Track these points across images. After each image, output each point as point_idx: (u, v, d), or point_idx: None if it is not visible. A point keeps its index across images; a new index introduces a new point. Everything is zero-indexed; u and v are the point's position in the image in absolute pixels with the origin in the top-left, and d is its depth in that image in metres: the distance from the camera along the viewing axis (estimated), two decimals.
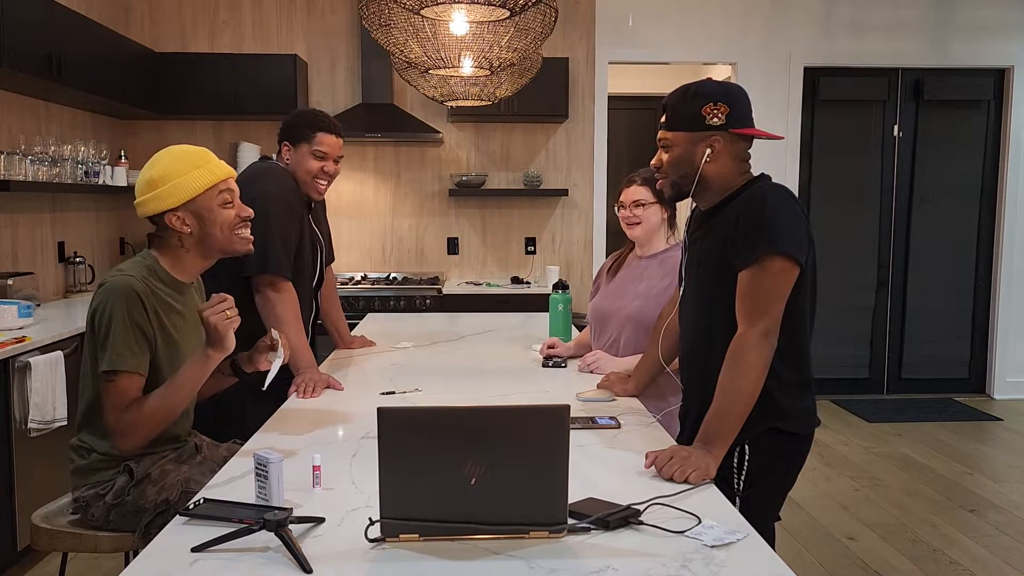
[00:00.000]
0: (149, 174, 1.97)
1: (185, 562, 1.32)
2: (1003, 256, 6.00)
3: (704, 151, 1.91)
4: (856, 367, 6.09)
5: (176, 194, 1.96)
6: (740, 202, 1.89)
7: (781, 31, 5.76)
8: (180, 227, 1.98)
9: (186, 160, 1.99)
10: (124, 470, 1.98)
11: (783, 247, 1.79)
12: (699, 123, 1.90)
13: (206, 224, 2.00)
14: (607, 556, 1.33)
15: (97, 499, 1.98)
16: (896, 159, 5.98)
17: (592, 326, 2.83)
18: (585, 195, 5.77)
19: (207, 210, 1.99)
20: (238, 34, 5.54)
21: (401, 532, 1.37)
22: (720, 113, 1.89)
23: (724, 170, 1.93)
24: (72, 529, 2.01)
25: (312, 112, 2.80)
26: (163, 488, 1.95)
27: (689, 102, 1.92)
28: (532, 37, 2.66)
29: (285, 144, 2.78)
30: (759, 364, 1.79)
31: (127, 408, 1.89)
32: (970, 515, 3.86)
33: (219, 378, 2.27)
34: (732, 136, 1.91)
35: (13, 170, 3.89)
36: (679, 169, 1.95)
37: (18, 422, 3.16)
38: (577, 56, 5.67)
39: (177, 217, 1.98)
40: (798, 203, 1.89)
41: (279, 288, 2.59)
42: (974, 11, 5.83)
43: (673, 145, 1.94)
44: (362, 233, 5.74)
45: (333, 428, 2.08)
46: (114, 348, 1.87)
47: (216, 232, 2.01)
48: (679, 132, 1.93)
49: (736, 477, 1.89)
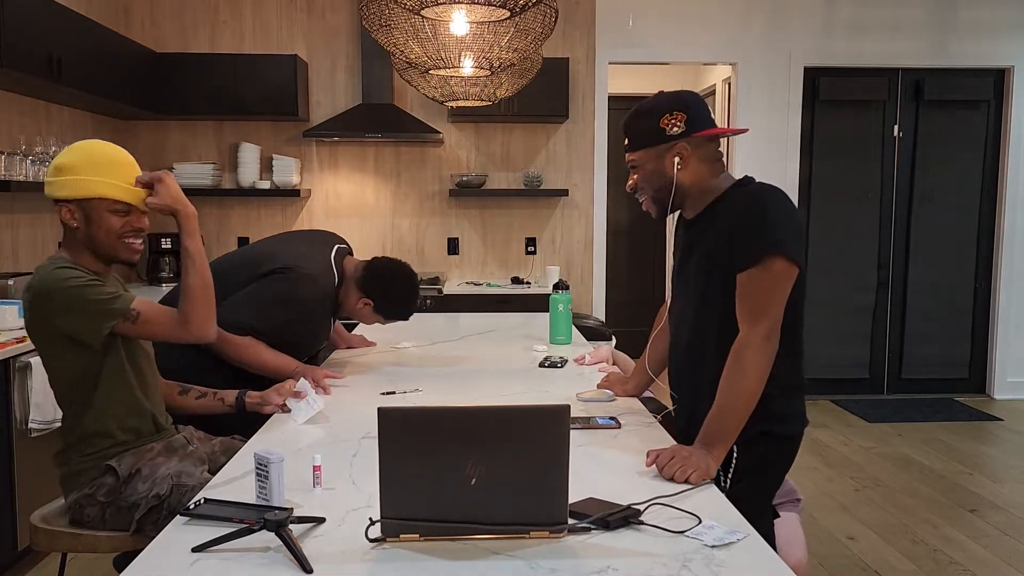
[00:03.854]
0: (60, 160, 1.97)
1: (185, 562, 1.32)
2: (1003, 256, 6.00)
3: (673, 161, 1.93)
4: (856, 367, 6.08)
5: (71, 188, 1.95)
6: (734, 205, 1.90)
7: (781, 31, 5.76)
8: (68, 219, 1.98)
9: (95, 162, 1.96)
10: (106, 469, 1.98)
11: (784, 248, 1.79)
12: (661, 136, 1.93)
13: (92, 225, 1.98)
14: (607, 556, 1.33)
15: (90, 500, 1.99)
16: (896, 159, 5.98)
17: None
18: (585, 195, 5.77)
19: (95, 212, 1.97)
20: (238, 34, 5.54)
21: (401, 532, 1.37)
22: (678, 121, 1.92)
23: (698, 174, 1.95)
24: (70, 529, 2.01)
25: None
26: (154, 483, 1.95)
27: (646, 119, 1.95)
28: (532, 37, 2.66)
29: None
30: (761, 365, 1.79)
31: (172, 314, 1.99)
32: (971, 515, 3.86)
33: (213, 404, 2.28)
34: (696, 140, 1.93)
35: (13, 170, 3.89)
36: (654, 184, 1.97)
37: (19, 422, 3.16)
38: (577, 56, 5.67)
39: (68, 210, 1.97)
40: (789, 201, 1.90)
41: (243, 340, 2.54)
42: (974, 11, 5.82)
43: (642, 164, 1.98)
44: (362, 233, 5.74)
45: (333, 428, 2.08)
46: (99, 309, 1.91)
47: (100, 235, 1.99)
48: (644, 150, 1.96)
49: (723, 475, 1.89)
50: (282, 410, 2.19)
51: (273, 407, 2.20)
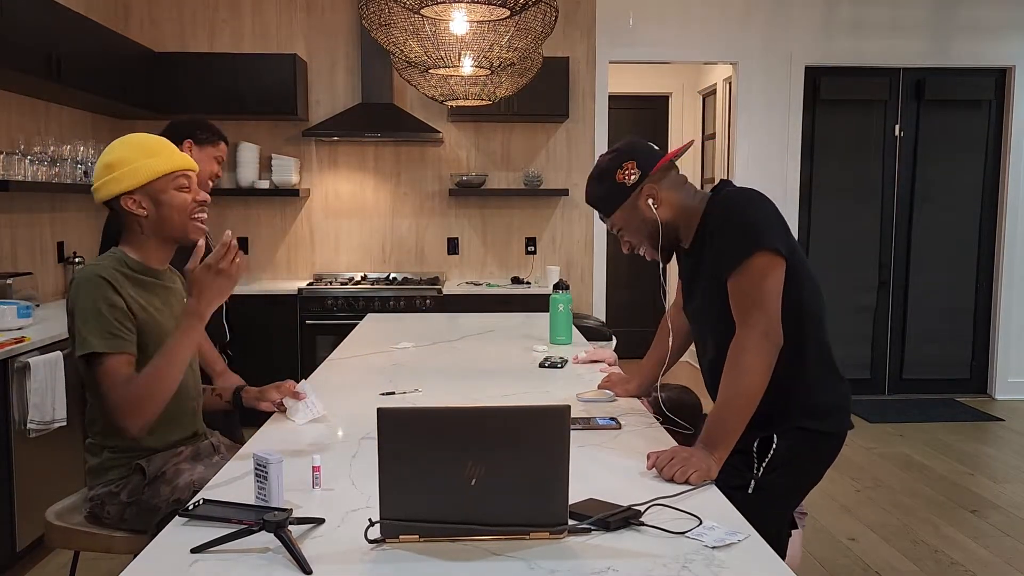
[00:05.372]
0: (107, 158, 1.96)
1: (185, 563, 1.31)
2: (1004, 255, 5.99)
3: (647, 204, 1.97)
4: (857, 367, 6.07)
5: (132, 177, 1.95)
6: (711, 220, 1.93)
7: (782, 30, 5.75)
8: (136, 209, 1.97)
9: (144, 147, 1.98)
10: (136, 469, 1.98)
11: (760, 243, 1.81)
12: (623, 191, 1.97)
13: (162, 207, 1.98)
14: (608, 557, 1.33)
15: (112, 497, 1.98)
16: (897, 159, 5.98)
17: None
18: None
19: (163, 192, 1.97)
20: (238, 34, 5.53)
21: (401, 533, 1.37)
22: (631, 169, 1.96)
23: (676, 204, 1.98)
24: (87, 528, 2.01)
25: (202, 119, 2.84)
26: (176, 488, 1.95)
27: (603, 183, 2.00)
28: (532, 36, 2.66)
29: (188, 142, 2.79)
30: (759, 363, 1.79)
31: (123, 385, 1.85)
32: (972, 516, 3.86)
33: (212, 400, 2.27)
34: (656, 175, 1.97)
35: (12, 170, 3.89)
36: (643, 232, 2.01)
37: (17, 423, 3.16)
38: (577, 56, 5.66)
39: (133, 200, 1.96)
40: (764, 198, 1.90)
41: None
42: (975, 11, 5.82)
43: (624, 223, 2.02)
44: (362, 233, 5.74)
45: (333, 428, 2.08)
46: (92, 333, 1.86)
47: (173, 216, 1.99)
48: (618, 212, 2.00)
49: (756, 463, 1.89)
50: (279, 409, 2.17)
51: (270, 404, 2.18)
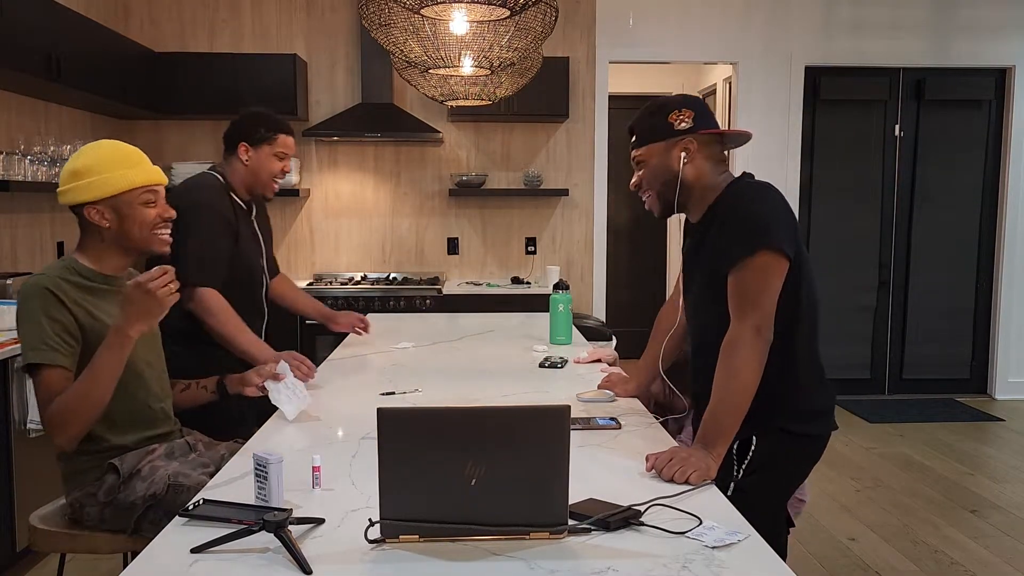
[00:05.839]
0: (75, 164, 1.95)
1: (185, 563, 1.31)
2: (1004, 255, 5.99)
3: (679, 156, 1.95)
4: (857, 367, 6.07)
5: (99, 188, 1.93)
6: (726, 207, 1.91)
7: (782, 30, 5.75)
8: (99, 221, 1.96)
9: (116, 158, 1.96)
10: (109, 468, 1.98)
11: (767, 241, 1.80)
12: (669, 130, 1.95)
13: (125, 220, 1.97)
14: (608, 557, 1.33)
15: (90, 499, 1.98)
16: (897, 159, 5.98)
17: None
18: (586, 195, 5.76)
19: (128, 207, 1.97)
20: (238, 34, 5.53)
21: (401, 533, 1.37)
22: (686, 117, 1.94)
23: (701, 172, 1.96)
24: (68, 530, 2.01)
25: (268, 114, 2.84)
26: (152, 483, 1.95)
27: (655, 115, 1.97)
28: (532, 36, 2.65)
29: (243, 144, 2.79)
30: (752, 359, 1.79)
31: (52, 399, 1.85)
32: (972, 516, 3.85)
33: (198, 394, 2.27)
34: (703, 138, 1.95)
35: (12, 170, 3.89)
36: (660, 179, 1.98)
37: (18, 423, 3.16)
38: (577, 56, 5.66)
39: (97, 211, 1.95)
40: (777, 195, 1.89)
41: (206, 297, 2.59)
42: (975, 11, 5.82)
43: (648, 158, 1.99)
44: (362, 233, 5.74)
45: (333, 428, 2.08)
46: (29, 344, 1.86)
47: (135, 230, 1.98)
48: (652, 144, 1.98)
49: (736, 464, 1.89)
50: (262, 391, 2.18)
51: (253, 388, 2.20)
